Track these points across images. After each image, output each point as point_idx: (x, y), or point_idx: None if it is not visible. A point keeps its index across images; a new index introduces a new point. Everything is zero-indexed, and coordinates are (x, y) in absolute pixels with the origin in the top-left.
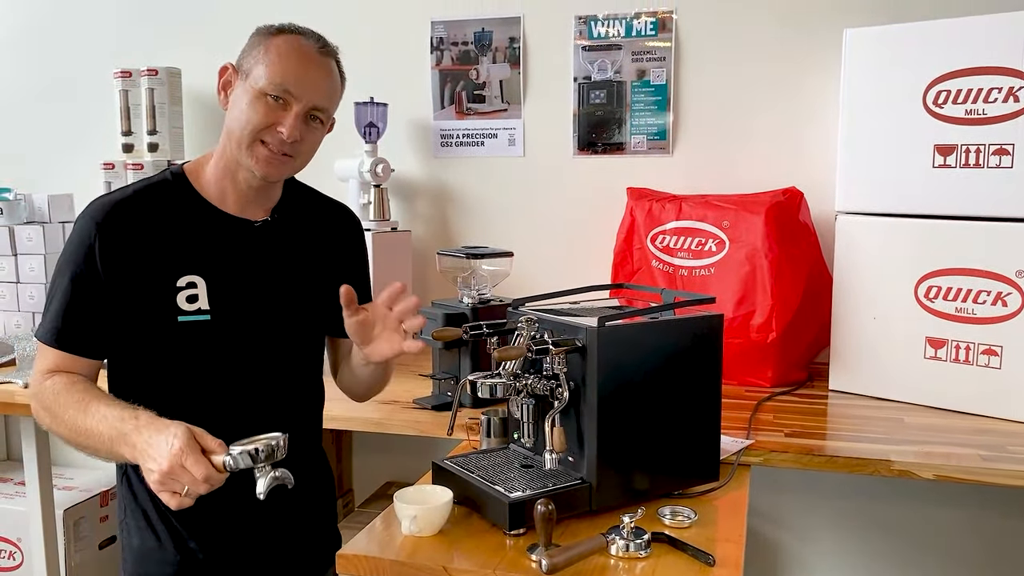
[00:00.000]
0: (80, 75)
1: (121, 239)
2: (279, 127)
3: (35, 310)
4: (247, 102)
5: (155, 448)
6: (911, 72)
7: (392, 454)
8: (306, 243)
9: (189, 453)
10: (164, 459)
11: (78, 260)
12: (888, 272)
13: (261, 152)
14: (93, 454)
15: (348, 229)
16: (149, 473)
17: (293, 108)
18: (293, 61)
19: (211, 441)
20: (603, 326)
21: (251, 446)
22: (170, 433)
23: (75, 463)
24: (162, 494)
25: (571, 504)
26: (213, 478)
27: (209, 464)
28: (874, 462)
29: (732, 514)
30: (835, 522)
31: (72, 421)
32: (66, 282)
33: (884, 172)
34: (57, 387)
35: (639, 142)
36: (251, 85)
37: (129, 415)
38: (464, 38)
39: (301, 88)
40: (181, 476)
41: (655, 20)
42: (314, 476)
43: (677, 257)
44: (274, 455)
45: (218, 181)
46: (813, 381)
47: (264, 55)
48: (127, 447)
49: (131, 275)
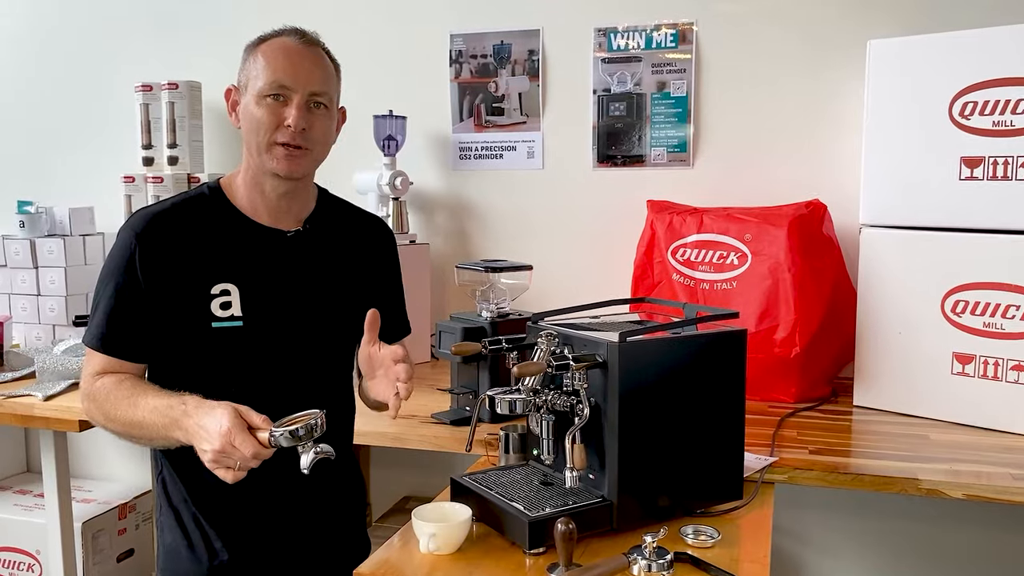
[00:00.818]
0: (101, 89)
1: (159, 248)
2: (286, 122)
3: (56, 322)
4: (253, 110)
5: (206, 430)
6: (937, 83)
7: (410, 468)
8: (338, 253)
9: (237, 432)
10: (215, 439)
11: (120, 269)
12: (914, 286)
13: (279, 152)
14: (148, 443)
15: (381, 240)
16: (203, 453)
17: (293, 99)
18: (281, 58)
19: (256, 417)
20: (624, 341)
21: (292, 426)
22: (217, 415)
23: (94, 475)
24: (217, 471)
25: (592, 523)
26: (261, 453)
27: (256, 441)
28: (901, 480)
29: (756, 534)
30: (859, 539)
31: (125, 416)
32: (110, 290)
33: (909, 184)
34: (107, 386)
35: (659, 154)
36: (251, 93)
37: (177, 402)
38: (483, 51)
39: (294, 79)
40: (232, 454)
41: (675, 32)
42: (345, 482)
43: (698, 271)
44: (313, 432)
45: (248, 193)
46: (837, 397)
47: (254, 63)
48: (180, 431)
49: (168, 282)
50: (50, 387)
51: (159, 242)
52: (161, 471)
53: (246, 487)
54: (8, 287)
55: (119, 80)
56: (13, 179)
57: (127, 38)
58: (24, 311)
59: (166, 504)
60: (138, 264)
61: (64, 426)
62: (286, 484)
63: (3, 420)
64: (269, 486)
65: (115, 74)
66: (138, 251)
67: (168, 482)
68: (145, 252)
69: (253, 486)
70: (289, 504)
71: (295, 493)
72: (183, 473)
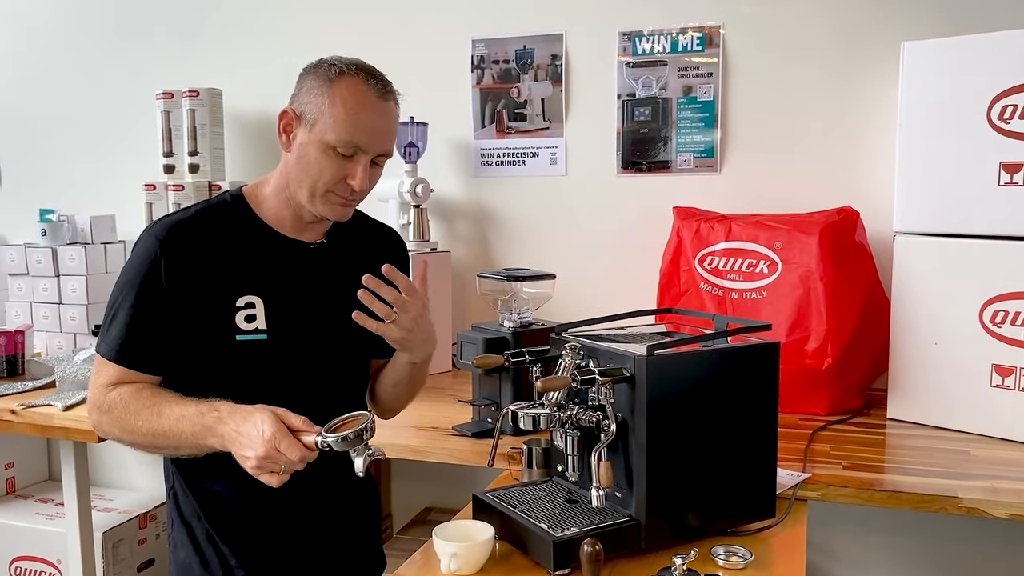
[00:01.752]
0: (122, 96)
1: (184, 257)
2: (349, 179)
3: (77, 331)
4: (315, 156)
5: (246, 436)
6: (974, 86)
7: (431, 480)
8: (356, 265)
9: (282, 438)
10: (259, 446)
11: (142, 278)
12: (950, 295)
13: (333, 199)
14: (172, 452)
15: (394, 251)
16: (245, 460)
17: (362, 160)
18: (360, 115)
19: (295, 419)
20: (652, 355)
21: (343, 432)
22: (257, 420)
23: (115, 484)
24: (261, 476)
25: (619, 543)
26: (308, 457)
27: (302, 445)
28: (940, 498)
29: (790, 554)
30: (895, 560)
31: (147, 426)
32: (131, 299)
33: (945, 190)
34: (124, 396)
35: (685, 160)
36: (318, 137)
37: (208, 408)
38: (505, 56)
39: (369, 142)
40: (277, 459)
41: (702, 35)
42: (360, 499)
43: (727, 279)
44: (364, 435)
45: (277, 207)
46: (870, 409)
47: (329, 107)
48: (215, 438)
49: (193, 293)
50: (70, 397)
51: (184, 251)
52: (173, 486)
53: (260, 503)
54: (30, 295)
55: (140, 88)
56: (35, 187)
57: (148, 46)
58: (46, 319)
59: (178, 519)
60: (163, 273)
61: (83, 436)
62: (301, 500)
63: (23, 430)
64: (283, 502)
65: (136, 82)
66: (163, 260)
67: (180, 497)
68: (170, 261)
69: (267, 502)
70: (304, 520)
71: (310, 509)
72: (195, 488)
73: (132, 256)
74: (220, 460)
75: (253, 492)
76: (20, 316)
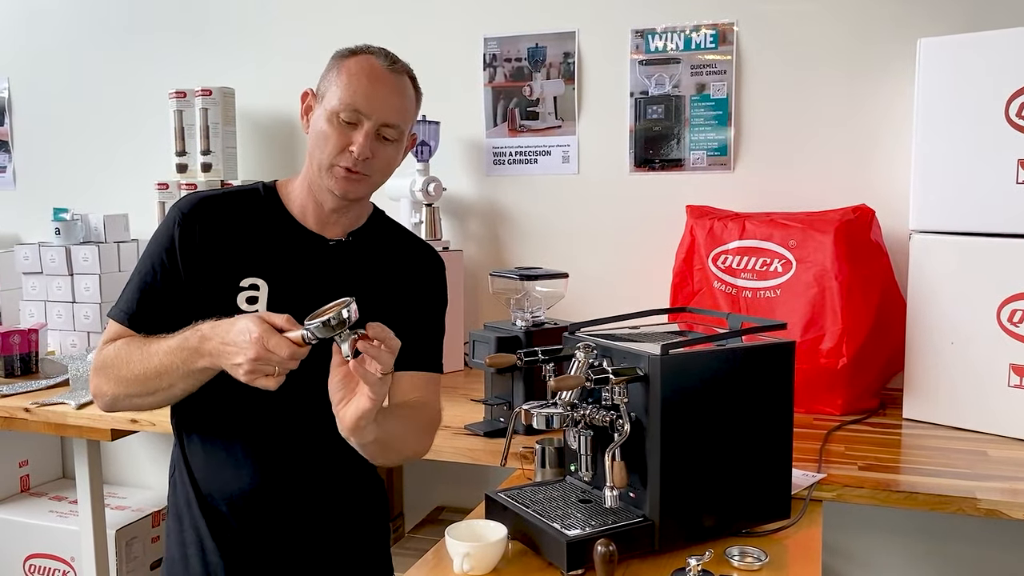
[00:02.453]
0: (135, 95)
1: (200, 231)
2: (351, 146)
3: (91, 330)
4: (322, 126)
5: (233, 344)
6: (992, 83)
7: (443, 479)
8: (377, 271)
9: (269, 336)
10: (249, 348)
11: (160, 247)
12: (967, 294)
13: (338, 172)
14: (168, 393)
15: (428, 269)
16: (236, 368)
17: (363, 127)
18: (363, 81)
19: (278, 319)
20: (667, 354)
21: (323, 316)
22: (242, 325)
23: (128, 482)
24: (256, 382)
25: (633, 543)
26: (297, 353)
27: (290, 342)
28: (958, 500)
29: (805, 555)
30: (911, 562)
31: (139, 370)
32: (147, 266)
33: (962, 188)
34: (117, 347)
35: (699, 158)
36: (325, 107)
37: (190, 333)
38: (517, 54)
39: (370, 107)
40: (269, 358)
41: (715, 32)
42: (367, 501)
43: (740, 278)
44: (348, 321)
45: (301, 199)
46: (885, 409)
47: (337, 77)
48: (204, 358)
49: (202, 268)
50: (83, 395)
51: (201, 226)
52: (173, 473)
53: (262, 504)
54: (44, 294)
55: (152, 87)
56: (49, 187)
57: (160, 45)
58: (59, 318)
59: (172, 508)
60: (177, 245)
61: (97, 435)
62: (299, 506)
63: (37, 428)
64: (280, 507)
65: (149, 81)
66: (180, 231)
67: (177, 485)
68: (186, 233)
69: (269, 504)
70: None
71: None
72: (192, 478)
73: (159, 226)
74: (224, 451)
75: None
76: (34, 315)
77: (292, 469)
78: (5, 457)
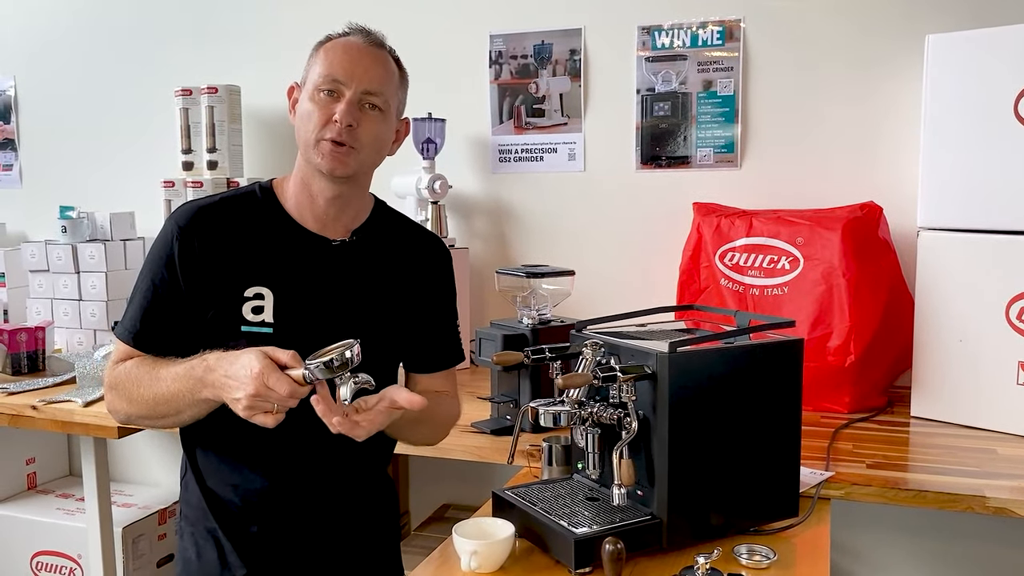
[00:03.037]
0: (141, 93)
1: (199, 243)
2: (335, 116)
3: (97, 327)
4: (306, 106)
5: (234, 378)
6: (1000, 79)
7: (450, 477)
8: (385, 268)
9: (270, 373)
10: (249, 384)
11: (159, 262)
12: (976, 292)
13: (324, 147)
14: (176, 418)
15: (436, 260)
16: (236, 403)
17: (345, 95)
18: (340, 53)
19: (283, 355)
20: (675, 352)
21: (325, 357)
22: (244, 360)
23: (135, 480)
24: (255, 418)
25: (641, 542)
26: (297, 392)
27: (291, 380)
28: (966, 498)
29: (814, 554)
30: (919, 560)
31: (149, 393)
32: (147, 283)
33: (970, 185)
34: (128, 367)
35: (705, 155)
36: (307, 88)
37: (197, 362)
38: (523, 51)
39: (349, 74)
40: (268, 395)
41: (722, 29)
42: (377, 503)
43: (748, 276)
44: (350, 363)
45: (296, 196)
46: (893, 407)
47: (315, 59)
48: (208, 389)
49: (204, 280)
50: (90, 393)
51: (200, 237)
52: (185, 475)
53: (268, 505)
54: (51, 292)
55: (158, 85)
56: (55, 185)
57: (167, 43)
58: (66, 316)
59: (186, 510)
60: (177, 258)
61: (103, 432)
62: (311, 506)
63: (44, 426)
64: (292, 507)
65: (155, 78)
66: (178, 244)
67: (190, 488)
68: (185, 246)
69: (276, 504)
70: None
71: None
72: (204, 482)
73: (156, 239)
74: (232, 456)
75: (262, 492)
76: (41, 312)
77: (304, 469)
78: (12, 455)
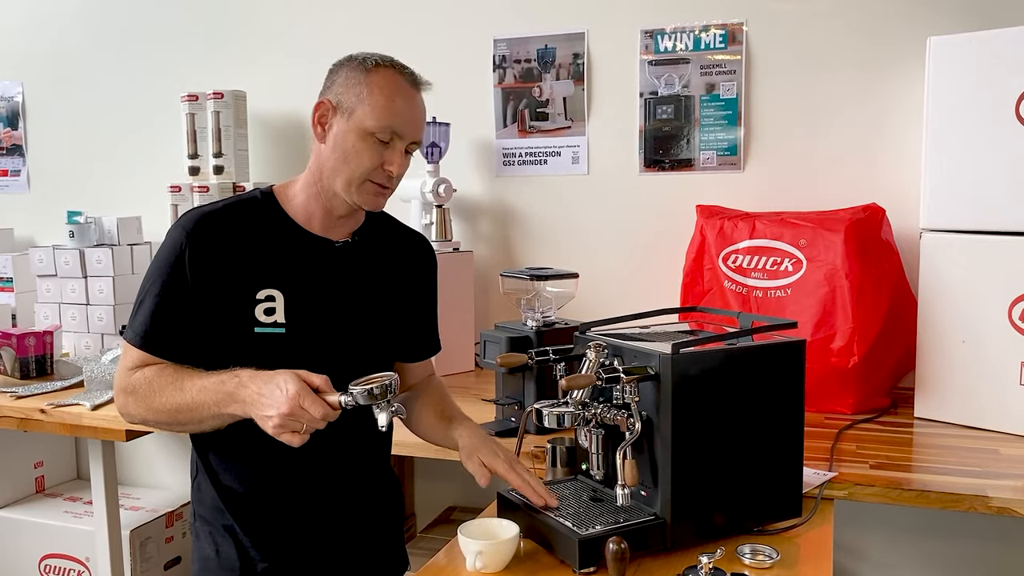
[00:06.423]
0: (148, 99)
1: (209, 249)
2: (387, 165)
3: (104, 331)
4: (353, 143)
5: (268, 396)
6: (1003, 81)
7: (454, 479)
8: (382, 267)
9: (305, 395)
10: (283, 403)
11: (168, 267)
12: (978, 293)
13: (369, 188)
14: (195, 427)
15: (423, 258)
16: (266, 420)
17: (398, 146)
18: (396, 102)
19: (317, 379)
20: (678, 353)
21: (368, 385)
22: (280, 380)
23: (142, 483)
24: (282, 436)
25: (644, 542)
26: (330, 415)
27: (324, 403)
28: (969, 498)
29: (817, 553)
30: (923, 560)
31: (170, 401)
32: (157, 287)
33: (973, 187)
34: (148, 375)
35: (708, 158)
36: (357, 124)
37: (228, 376)
38: (527, 55)
39: (406, 128)
40: (301, 416)
41: (724, 32)
42: (383, 495)
43: (751, 278)
44: (388, 392)
45: (306, 204)
46: (897, 408)
47: (367, 94)
48: (236, 404)
49: (215, 284)
50: (98, 396)
51: (209, 243)
52: (197, 476)
53: (283, 497)
54: (58, 296)
55: (165, 90)
56: (63, 190)
57: (173, 49)
58: (74, 320)
59: (201, 510)
60: (187, 263)
61: (111, 435)
62: (324, 495)
63: (52, 429)
64: (306, 497)
65: (161, 84)
66: (188, 250)
67: (203, 488)
68: (195, 252)
69: (290, 496)
70: (326, 515)
71: (332, 504)
72: (218, 480)
73: (161, 246)
74: (245, 453)
75: (276, 485)
76: (48, 317)
77: (314, 462)
78: (20, 458)
